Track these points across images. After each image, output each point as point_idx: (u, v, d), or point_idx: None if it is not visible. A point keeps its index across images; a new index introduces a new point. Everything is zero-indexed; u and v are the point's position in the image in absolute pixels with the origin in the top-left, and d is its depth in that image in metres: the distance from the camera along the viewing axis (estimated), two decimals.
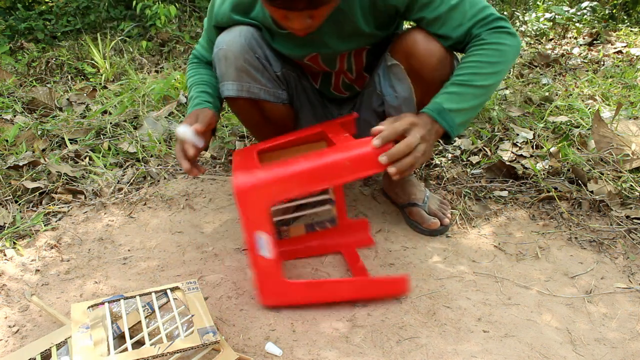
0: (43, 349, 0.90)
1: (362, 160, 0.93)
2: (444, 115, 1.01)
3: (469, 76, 1.03)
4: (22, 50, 3.44)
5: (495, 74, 1.05)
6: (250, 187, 0.95)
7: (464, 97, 1.03)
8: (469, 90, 1.03)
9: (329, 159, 0.95)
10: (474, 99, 1.04)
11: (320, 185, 0.96)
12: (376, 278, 1.05)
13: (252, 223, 0.97)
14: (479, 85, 1.03)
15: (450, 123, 1.02)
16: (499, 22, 1.07)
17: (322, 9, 0.95)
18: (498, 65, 1.04)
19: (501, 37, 1.05)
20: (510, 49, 1.06)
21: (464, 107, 1.03)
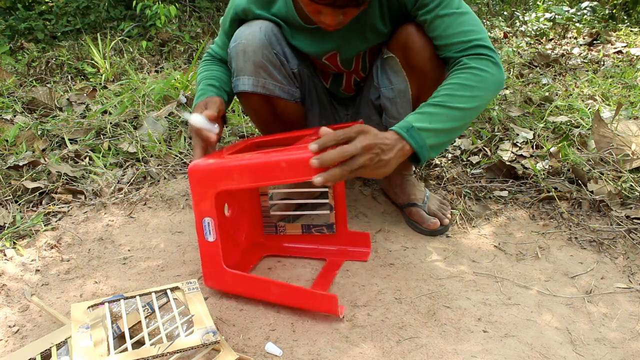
0: (43, 349, 0.90)
1: (297, 163, 0.92)
2: (412, 133, 0.95)
3: (444, 97, 0.99)
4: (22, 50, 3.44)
5: (473, 98, 1.00)
6: (198, 171, 0.99)
7: (437, 118, 0.97)
8: (443, 111, 0.98)
9: (268, 158, 0.95)
10: (449, 120, 0.98)
11: (260, 182, 0.96)
12: (308, 290, 1.03)
13: (200, 206, 1.01)
14: (454, 107, 0.98)
15: (420, 142, 0.95)
16: (485, 49, 1.04)
17: (361, 7, 0.98)
18: (476, 90, 1.00)
19: (484, 64, 1.02)
20: (492, 78, 1.02)
21: (437, 127, 0.97)
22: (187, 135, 2.01)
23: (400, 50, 1.15)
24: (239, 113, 2.16)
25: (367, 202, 1.53)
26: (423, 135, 0.95)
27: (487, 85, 1.02)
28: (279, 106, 1.26)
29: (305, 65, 1.28)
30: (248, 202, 1.29)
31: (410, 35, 1.12)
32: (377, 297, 1.10)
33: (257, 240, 1.32)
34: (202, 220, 1.03)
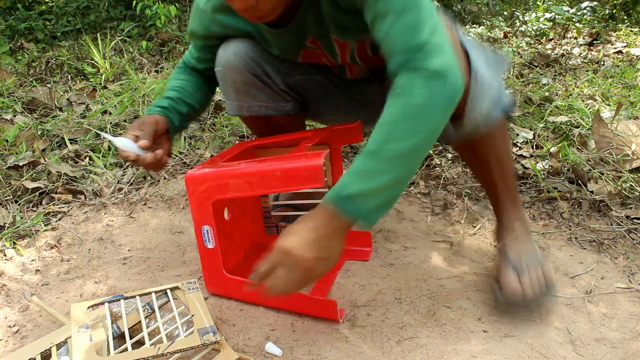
0: (43, 349, 0.90)
1: (291, 172, 0.91)
2: (345, 204, 0.80)
3: (378, 143, 0.81)
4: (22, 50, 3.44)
5: (414, 132, 0.80)
6: (194, 180, 0.99)
7: (373, 174, 0.80)
8: (378, 165, 0.80)
9: (263, 167, 0.94)
10: (388, 173, 0.80)
11: (256, 191, 0.96)
12: (308, 296, 1.03)
13: (198, 214, 1.02)
14: (393, 155, 0.79)
15: (358, 211, 0.80)
16: (419, 57, 0.80)
17: None
18: (417, 121, 0.79)
19: (417, 84, 0.79)
20: (431, 99, 0.79)
21: (374, 186, 0.80)
22: (187, 135, 2.01)
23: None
24: None
25: None
26: (359, 201, 0.80)
27: (426, 111, 0.79)
28: (271, 122, 1.25)
29: (301, 69, 1.23)
30: (249, 204, 1.29)
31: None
32: (377, 297, 1.10)
33: (258, 241, 1.32)
34: (201, 227, 1.03)
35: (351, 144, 1.89)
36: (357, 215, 0.81)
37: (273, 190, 0.95)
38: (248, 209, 1.29)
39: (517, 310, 1.03)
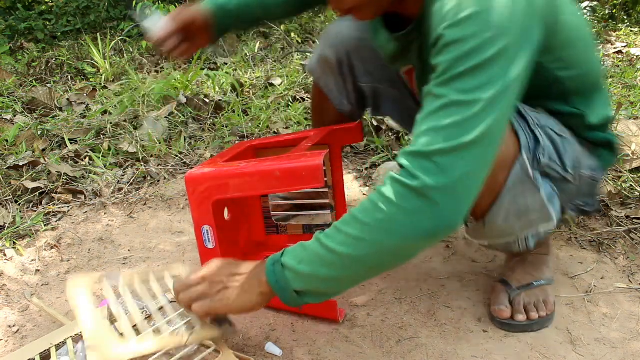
0: (43, 349, 0.90)
1: (291, 172, 0.91)
2: (276, 269, 0.74)
3: (331, 231, 0.71)
4: (22, 50, 3.44)
5: (358, 243, 0.68)
6: (193, 180, 0.99)
7: (310, 259, 0.72)
8: (318, 251, 0.71)
9: (263, 167, 0.94)
10: (319, 266, 0.71)
11: (256, 191, 0.96)
12: None
13: (198, 214, 1.01)
14: (329, 248, 0.70)
15: (282, 284, 0.73)
16: (412, 166, 0.65)
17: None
18: (368, 232, 0.68)
19: (394, 190, 0.66)
20: (400, 217, 0.65)
21: (305, 271, 0.72)
22: (187, 135, 2.01)
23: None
24: (238, 113, 2.16)
25: None
26: (287, 274, 0.73)
27: (389, 227, 0.66)
28: (328, 107, 1.23)
29: (390, 81, 1.16)
30: (249, 204, 1.29)
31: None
32: (377, 297, 1.10)
33: (258, 241, 1.32)
34: (201, 227, 1.02)
35: (351, 144, 1.89)
36: (279, 287, 0.74)
37: (273, 190, 0.95)
38: (248, 209, 1.29)
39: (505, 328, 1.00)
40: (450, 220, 0.66)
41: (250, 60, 3.11)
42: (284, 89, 2.46)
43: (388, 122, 1.96)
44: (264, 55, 3.27)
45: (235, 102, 2.24)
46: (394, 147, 1.85)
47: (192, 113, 2.16)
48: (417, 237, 0.66)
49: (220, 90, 2.46)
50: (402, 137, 1.87)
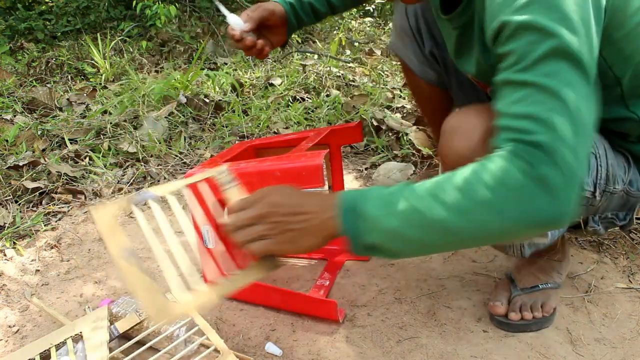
0: (43, 349, 0.90)
1: (291, 172, 0.91)
2: (352, 217, 0.66)
3: (427, 198, 0.64)
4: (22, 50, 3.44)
5: (462, 215, 0.62)
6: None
7: (398, 217, 0.64)
8: (409, 211, 0.64)
9: (263, 167, 0.94)
10: (412, 228, 0.64)
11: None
12: (307, 296, 1.03)
13: (198, 214, 1.01)
14: (427, 215, 0.63)
15: (355, 232, 0.66)
16: (533, 151, 0.61)
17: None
18: (478, 206, 0.62)
19: (512, 172, 0.61)
20: (515, 199, 0.61)
21: (389, 227, 0.64)
22: (187, 135, 2.01)
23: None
24: (238, 113, 2.16)
25: None
26: (365, 226, 0.66)
27: (501, 208, 0.62)
28: (419, 83, 1.22)
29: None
30: None
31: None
32: (377, 297, 1.10)
33: None
34: (201, 227, 1.02)
35: (351, 144, 1.89)
36: (350, 233, 0.67)
37: None
38: None
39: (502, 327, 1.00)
40: (568, 209, 0.63)
41: (250, 60, 3.11)
42: (284, 89, 2.46)
43: (388, 122, 1.96)
44: None
45: (235, 102, 2.24)
46: (394, 147, 1.85)
47: (192, 113, 2.16)
48: (531, 224, 0.63)
49: (220, 90, 2.46)
50: (402, 137, 1.87)
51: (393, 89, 2.48)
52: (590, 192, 0.84)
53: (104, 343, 0.87)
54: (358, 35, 3.80)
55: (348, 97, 2.35)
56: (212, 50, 3.38)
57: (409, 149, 1.80)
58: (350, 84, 2.54)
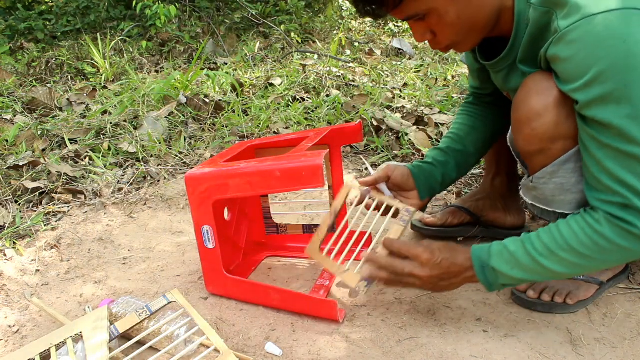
0: (43, 349, 0.90)
1: (291, 172, 0.91)
2: (486, 271, 0.88)
3: (544, 250, 0.83)
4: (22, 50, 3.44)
5: (575, 266, 0.83)
6: (193, 179, 0.99)
7: (522, 268, 0.85)
8: (531, 265, 0.85)
9: (263, 167, 0.94)
10: (533, 275, 0.86)
11: (255, 191, 0.96)
12: (308, 296, 1.03)
13: (198, 214, 1.02)
14: (547, 268, 0.84)
15: (492, 281, 0.88)
16: (629, 213, 0.76)
17: (412, 6, 0.82)
18: (586, 260, 0.81)
19: (616, 233, 0.78)
20: (618, 253, 0.80)
21: (516, 276, 0.86)
22: (187, 135, 2.01)
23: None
24: (238, 113, 2.16)
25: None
26: (498, 276, 0.87)
27: (605, 258, 0.81)
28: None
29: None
30: (249, 204, 1.29)
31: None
32: (377, 297, 1.10)
33: (258, 240, 1.32)
34: (201, 227, 1.03)
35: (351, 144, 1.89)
36: (489, 284, 0.89)
37: (273, 190, 0.95)
38: (248, 209, 1.29)
39: (519, 301, 1.06)
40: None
41: (250, 60, 3.11)
42: (284, 89, 2.46)
43: (388, 122, 1.96)
44: (264, 55, 3.27)
45: (235, 102, 2.24)
46: (393, 147, 1.85)
47: (192, 113, 2.16)
48: (624, 262, 0.88)
49: (220, 90, 2.46)
50: (402, 137, 1.87)
51: (393, 89, 2.48)
52: None
53: (104, 343, 0.87)
54: (358, 35, 3.79)
55: (348, 97, 2.35)
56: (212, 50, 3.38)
57: (409, 149, 1.80)
58: (350, 84, 2.55)
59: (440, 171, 1.13)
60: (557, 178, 0.89)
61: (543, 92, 0.84)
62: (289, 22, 3.89)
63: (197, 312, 0.96)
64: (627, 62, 0.70)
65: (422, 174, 1.12)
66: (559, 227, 0.83)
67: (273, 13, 4.08)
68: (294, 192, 1.52)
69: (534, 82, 0.86)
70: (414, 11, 0.84)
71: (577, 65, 0.74)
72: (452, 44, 0.91)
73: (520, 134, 0.90)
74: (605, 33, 0.70)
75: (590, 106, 0.75)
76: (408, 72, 2.85)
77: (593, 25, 0.71)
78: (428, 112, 2.12)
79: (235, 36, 3.79)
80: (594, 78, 0.72)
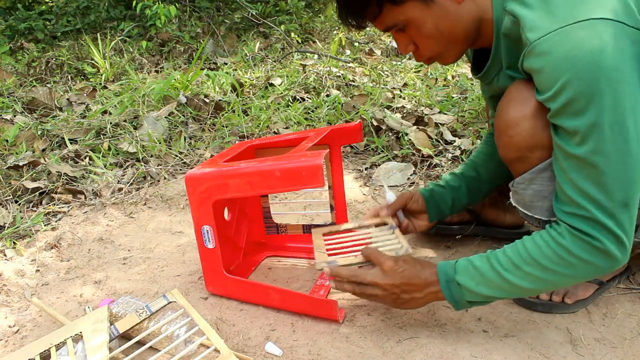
0: (43, 349, 0.90)
1: (291, 172, 0.91)
2: (452, 286, 0.88)
3: (507, 264, 0.84)
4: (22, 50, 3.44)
5: (541, 281, 0.83)
6: (193, 180, 0.99)
7: (488, 284, 0.86)
8: (496, 280, 0.85)
9: (263, 167, 0.94)
10: (497, 291, 0.86)
11: (255, 191, 0.96)
12: (308, 296, 1.03)
13: (198, 214, 1.02)
14: (512, 283, 0.84)
15: (457, 298, 0.88)
16: (594, 228, 0.77)
17: (390, 17, 0.86)
18: (551, 275, 0.82)
19: (580, 247, 0.79)
20: (583, 269, 0.80)
21: (481, 292, 0.86)
22: (187, 135, 2.01)
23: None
24: (238, 113, 2.16)
25: (367, 202, 1.53)
26: (464, 292, 0.88)
27: (570, 273, 0.81)
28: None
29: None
30: (249, 204, 1.29)
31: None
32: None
33: (258, 240, 1.32)
34: (201, 227, 1.03)
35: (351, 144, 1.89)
36: (454, 300, 0.89)
37: (273, 191, 0.95)
38: (248, 209, 1.29)
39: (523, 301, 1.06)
40: (622, 263, 0.80)
41: (250, 60, 3.11)
42: (284, 89, 2.46)
43: (388, 122, 1.96)
44: (264, 55, 3.27)
45: (235, 102, 2.24)
46: (394, 147, 1.85)
47: (192, 113, 2.16)
48: (591, 278, 0.86)
49: (220, 90, 2.46)
50: (402, 137, 1.87)
51: (393, 89, 2.48)
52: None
53: (104, 343, 0.87)
54: (358, 35, 3.79)
55: (348, 97, 2.35)
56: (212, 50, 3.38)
57: (409, 149, 1.80)
58: (350, 84, 2.54)
59: (451, 195, 1.17)
60: (534, 185, 0.90)
61: (522, 101, 0.85)
62: (289, 22, 3.89)
63: (197, 312, 0.96)
64: (592, 73, 0.71)
65: (433, 199, 1.17)
66: (524, 241, 0.85)
67: (273, 13, 4.08)
68: (294, 192, 1.52)
69: (515, 91, 0.87)
70: (393, 22, 0.87)
71: (547, 76, 0.75)
72: (434, 56, 0.93)
73: (500, 141, 0.92)
74: (572, 44, 0.71)
75: (558, 115, 0.76)
76: (408, 72, 2.85)
77: (560, 37, 0.72)
78: (428, 112, 2.12)
79: (235, 36, 3.79)
80: (561, 87, 0.73)
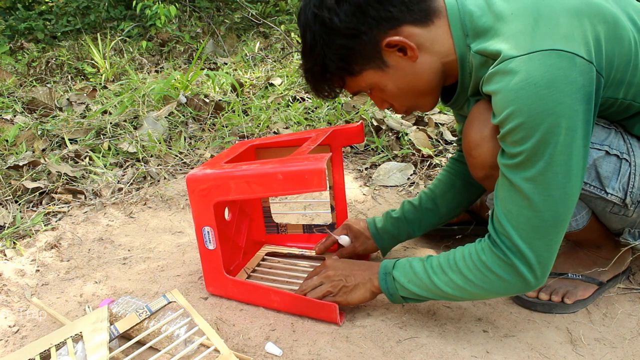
0: (43, 349, 0.90)
1: (294, 175, 0.91)
2: (387, 279, 0.95)
3: (436, 267, 0.90)
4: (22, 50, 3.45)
5: (459, 289, 0.88)
6: (195, 181, 0.99)
7: (416, 283, 0.92)
8: (425, 281, 0.91)
9: (265, 169, 0.94)
10: (426, 292, 0.92)
11: (257, 194, 0.96)
12: (308, 299, 1.03)
13: (199, 215, 1.02)
14: (437, 286, 0.90)
15: (392, 291, 0.95)
16: (508, 248, 0.83)
17: (353, 86, 0.91)
18: (469, 285, 0.87)
19: (495, 263, 0.84)
20: (499, 285, 0.85)
21: (411, 289, 0.93)
22: (187, 135, 2.01)
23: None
24: (238, 113, 2.16)
25: (367, 202, 1.53)
26: (397, 286, 0.94)
27: (488, 287, 0.87)
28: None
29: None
30: (249, 204, 1.29)
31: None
32: (377, 297, 1.10)
33: (258, 241, 1.32)
34: (202, 228, 1.03)
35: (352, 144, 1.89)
36: (388, 293, 0.96)
37: (275, 193, 0.95)
38: (248, 209, 1.29)
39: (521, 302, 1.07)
40: (536, 287, 0.85)
41: (250, 60, 3.11)
42: (284, 89, 2.46)
43: (388, 122, 1.96)
44: (264, 55, 3.28)
45: (235, 102, 2.24)
46: (394, 147, 1.85)
47: (192, 113, 2.16)
48: (507, 295, 0.94)
49: (220, 90, 2.46)
50: (402, 137, 1.87)
51: None
52: (619, 198, 0.90)
53: (104, 343, 0.87)
54: None
55: (348, 97, 2.35)
56: (212, 50, 3.38)
57: (409, 149, 1.80)
58: None
59: (407, 229, 1.18)
60: None
61: (482, 122, 0.87)
62: (289, 22, 3.89)
63: (197, 312, 0.97)
64: (535, 106, 0.73)
65: (380, 236, 1.18)
66: (456, 250, 0.90)
67: (273, 13, 4.09)
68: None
69: (477, 113, 0.89)
70: (358, 89, 0.93)
71: (498, 104, 0.77)
72: (409, 109, 0.96)
73: (468, 161, 0.94)
74: (522, 77, 0.73)
75: (502, 139, 0.79)
76: None
77: (509, 68, 0.75)
78: (428, 112, 2.12)
79: (235, 36, 3.79)
80: (506, 117, 0.76)
